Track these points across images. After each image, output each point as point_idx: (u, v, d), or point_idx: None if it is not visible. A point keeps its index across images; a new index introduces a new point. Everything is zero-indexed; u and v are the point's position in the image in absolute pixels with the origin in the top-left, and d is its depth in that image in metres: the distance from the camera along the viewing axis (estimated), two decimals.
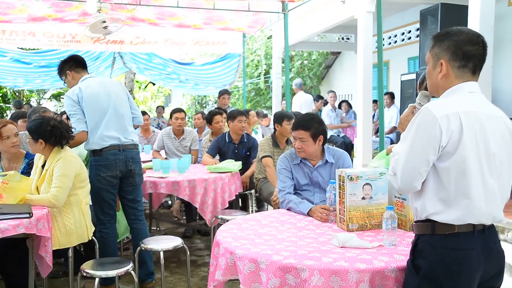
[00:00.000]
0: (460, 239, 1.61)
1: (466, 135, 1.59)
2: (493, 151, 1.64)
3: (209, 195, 4.12)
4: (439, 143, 1.60)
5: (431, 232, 1.65)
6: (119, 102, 3.51)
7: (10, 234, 2.49)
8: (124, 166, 3.46)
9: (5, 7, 6.06)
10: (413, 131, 1.66)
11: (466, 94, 1.68)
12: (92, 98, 3.40)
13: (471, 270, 1.61)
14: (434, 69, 1.74)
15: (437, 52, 1.72)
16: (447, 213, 1.62)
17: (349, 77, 12.06)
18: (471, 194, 1.60)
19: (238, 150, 5.02)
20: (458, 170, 1.60)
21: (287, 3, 6.70)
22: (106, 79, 3.71)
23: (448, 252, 1.61)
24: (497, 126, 1.68)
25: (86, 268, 2.69)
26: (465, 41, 1.67)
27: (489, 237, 1.66)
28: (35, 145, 3.09)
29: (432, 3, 6.56)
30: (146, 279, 3.55)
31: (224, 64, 9.40)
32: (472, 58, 1.68)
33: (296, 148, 2.99)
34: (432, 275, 1.62)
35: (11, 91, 12.70)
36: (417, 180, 1.66)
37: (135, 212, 3.63)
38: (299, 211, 2.73)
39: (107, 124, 3.41)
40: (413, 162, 1.64)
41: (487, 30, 4.61)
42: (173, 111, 5.61)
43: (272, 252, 1.95)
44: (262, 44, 14.51)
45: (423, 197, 1.68)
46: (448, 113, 1.60)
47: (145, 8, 6.35)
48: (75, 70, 3.61)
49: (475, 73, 1.71)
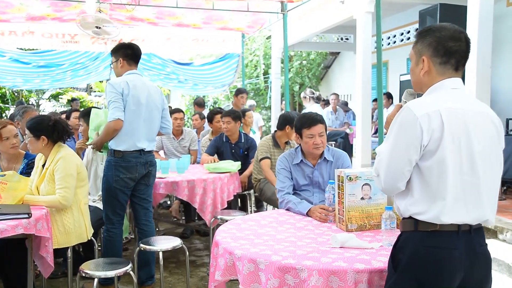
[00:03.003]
0: (443, 237, 1.58)
1: (447, 133, 1.56)
2: (476, 149, 1.59)
3: (208, 195, 4.12)
4: (420, 142, 1.57)
5: (414, 229, 1.62)
6: (154, 110, 3.49)
7: (9, 234, 2.49)
8: (143, 169, 3.46)
9: (4, 6, 6.05)
10: (394, 131, 1.64)
11: (449, 91, 1.65)
12: (135, 100, 3.34)
13: (452, 270, 1.57)
14: (417, 66, 1.71)
15: (420, 48, 1.70)
16: (429, 212, 1.58)
17: (348, 78, 12.06)
18: (449, 193, 1.56)
19: (235, 150, 5.02)
20: (439, 168, 1.57)
21: (286, 4, 6.70)
22: (149, 83, 3.61)
23: (429, 250, 1.58)
24: (482, 123, 1.63)
25: (85, 268, 2.69)
26: (447, 37, 1.64)
27: (475, 239, 1.61)
28: (36, 143, 3.09)
29: (431, 3, 6.57)
30: (146, 281, 3.54)
31: (223, 64, 9.39)
32: (454, 54, 1.65)
33: (316, 144, 2.95)
34: (411, 271, 1.59)
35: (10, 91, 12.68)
36: (401, 180, 1.62)
37: (146, 213, 3.61)
38: (298, 211, 2.73)
39: (138, 129, 3.38)
40: (395, 162, 1.62)
41: (486, 30, 4.62)
42: (172, 111, 5.61)
43: (271, 253, 1.95)
44: (261, 45, 14.50)
45: (407, 197, 1.65)
46: (428, 112, 1.57)
47: (144, 8, 6.34)
48: (129, 61, 3.50)
49: (458, 69, 1.68)
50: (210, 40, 8.45)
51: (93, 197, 3.84)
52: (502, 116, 6.47)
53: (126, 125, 3.30)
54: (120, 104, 3.27)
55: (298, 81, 14.31)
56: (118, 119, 3.25)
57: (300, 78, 14.29)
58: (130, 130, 3.34)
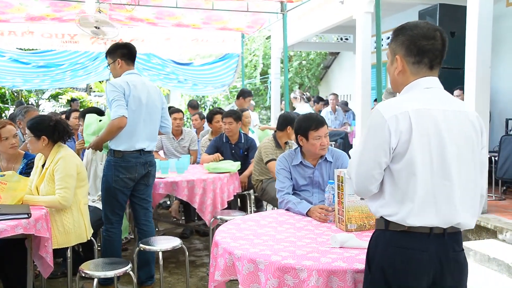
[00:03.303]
0: (413, 238, 1.55)
1: (415, 134, 1.51)
2: (449, 150, 1.54)
3: (208, 195, 4.12)
4: (389, 145, 1.53)
5: (385, 228, 1.60)
6: (154, 110, 3.49)
7: (9, 234, 2.48)
8: (143, 169, 3.45)
9: (3, 6, 6.05)
10: (365, 133, 1.61)
11: (422, 91, 1.61)
12: (135, 100, 3.34)
13: (419, 273, 1.54)
14: (392, 65, 1.68)
15: (394, 47, 1.67)
16: (397, 215, 1.55)
17: (347, 78, 12.06)
18: (418, 196, 1.52)
19: (235, 150, 5.02)
20: (408, 171, 1.53)
21: (286, 4, 6.70)
22: (148, 82, 3.60)
23: (397, 250, 1.56)
24: (457, 123, 1.57)
25: (84, 268, 2.69)
26: (419, 36, 1.59)
27: (448, 243, 1.57)
28: (37, 143, 3.09)
29: (430, 3, 6.57)
30: (146, 281, 3.54)
31: (223, 64, 9.39)
32: (427, 53, 1.60)
33: (323, 145, 2.95)
34: (381, 271, 1.58)
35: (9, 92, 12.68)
36: (372, 183, 1.60)
37: (146, 213, 3.61)
38: (298, 212, 2.73)
39: (139, 129, 3.38)
40: (365, 165, 1.59)
41: (486, 30, 4.62)
42: (171, 111, 5.60)
43: (271, 253, 1.95)
44: (261, 45, 14.51)
45: (378, 199, 1.62)
46: (397, 113, 1.53)
47: (143, 8, 6.34)
48: (126, 61, 3.48)
49: (433, 68, 1.63)
50: (209, 40, 8.45)
51: (93, 197, 3.84)
52: (501, 116, 6.49)
53: (127, 126, 3.28)
54: (123, 101, 3.24)
55: (298, 81, 14.32)
56: (123, 116, 3.20)
57: (300, 78, 14.30)
58: (131, 130, 3.33)
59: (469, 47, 4.71)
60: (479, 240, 4.44)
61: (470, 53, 4.69)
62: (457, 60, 5.95)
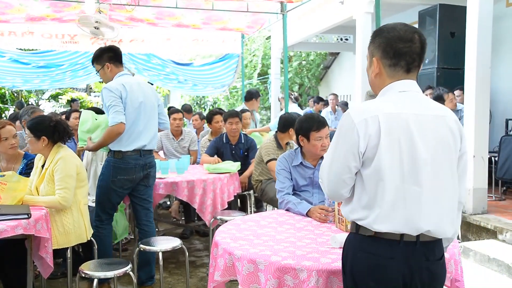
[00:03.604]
0: (381, 244, 1.52)
1: (385, 139, 1.48)
2: (421, 155, 1.49)
3: (208, 195, 4.12)
4: (358, 149, 1.51)
5: (355, 231, 1.59)
6: (151, 108, 3.49)
7: (9, 235, 2.48)
8: (141, 171, 3.45)
9: (3, 6, 6.04)
10: (335, 136, 1.59)
11: (396, 94, 1.57)
12: (133, 101, 3.34)
13: (386, 279, 1.51)
14: (370, 67, 1.66)
15: (371, 49, 1.64)
16: (366, 220, 1.53)
17: (347, 78, 12.06)
18: (385, 201, 1.50)
19: (235, 151, 5.02)
20: (377, 176, 1.50)
21: (286, 4, 6.69)
22: (142, 82, 3.60)
23: (365, 255, 1.55)
24: (432, 127, 1.53)
25: (84, 269, 2.69)
26: (396, 38, 1.56)
27: (420, 251, 1.52)
28: (37, 143, 3.09)
29: (430, 4, 6.58)
30: (146, 281, 3.54)
31: (223, 64, 9.39)
32: (404, 56, 1.56)
33: (324, 146, 2.94)
34: (352, 274, 1.58)
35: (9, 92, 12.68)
36: (343, 188, 1.58)
37: (147, 213, 3.61)
38: (298, 212, 2.73)
39: (139, 129, 3.38)
40: (336, 169, 1.57)
41: (486, 30, 4.62)
42: (171, 111, 5.61)
43: (271, 253, 1.95)
44: (261, 45, 14.51)
45: (350, 203, 1.61)
46: (366, 117, 1.50)
47: (143, 8, 6.34)
48: (115, 63, 3.47)
49: (410, 71, 1.59)
50: (209, 41, 8.44)
51: (93, 198, 3.84)
52: (502, 116, 6.49)
53: (127, 127, 3.29)
54: (120, 107, 3.25)
55: (298, 82, 14.32)
56: (121, 123, 3.23)
57: (300, 79, 14.30)
58: (131, 131, 3.34)
59: (469, 47, 4.71)
60: (479, 240, 4.44)
61: (470, 53, 4.69)
62: (457, 60, 5.97)
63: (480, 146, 4.69)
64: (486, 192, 4.82)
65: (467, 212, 4.68)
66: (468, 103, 4.75)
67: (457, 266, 2.03)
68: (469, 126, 4.70)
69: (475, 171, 4.66)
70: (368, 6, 6.75)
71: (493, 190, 5.41)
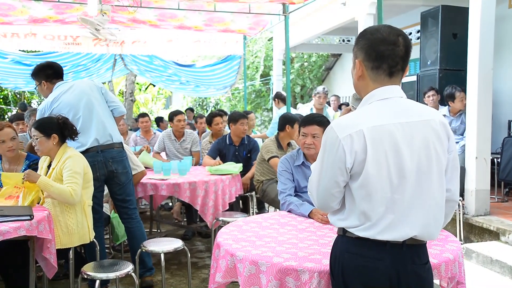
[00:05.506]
0: (369, 246, 1.52)
1: (371, 153, 1.47)
2: (408, 164, 1.49)
3: (209, 197, 4.12)
4: (344, 165, 1.50)
5: (342, 233, 1.60)
6: (91, 101, 3.49)
7: (11, 236, 2.49)
8: (104, 168, 3.45)
9: (6, 8, 6.07)
10: (322, 150, 1.58)
11: (377, 104, 1.54)
12: (64, 107, 3.41)
13: (375, 280, 1.51)
14: (354, 70, 1.63)
15: (355, 51, 1.62)
16: (355, 229, 1.54)
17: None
18: (375, 214, 1.50)
19: (238, 152, 5.02)
20: (366, 190, 1.50)
21: (288, 5, 6.70)
22: (77, 82, 3.63)
23: (352, 256, 1.55)
24: (417, 133, 1.51)
25: (86, 270, 2.69)
26: (378, 41, 1.54)
27: (407, 254, 1.52)
28: (47, 142, 3.10)
29: (432, 5, 6.56)
30: (145, 273, 3.59)
31: (225, 66, 9.39)
32: (386, 58, 1.53)
33: (307, 144, 2.96)
34: (341, 276, 1.58)
35: (12, 93, 12.72)
36: (332, 201, 1.58)
37: (127, 211, 3.64)
38: (300, 213, 2.73)
39: (82, 127, 3.40)
40: (324, 183, 1.57)
41: (488, 32, 4.62)
42: (174, 113, 5.62)
43: (273, 254, 1.95)
44: (263, 46, 14.51)
45: (338, 214, 1.62)
46: (351, 132, 1.48)
47: (146, 10, 6.36)
48: (52, 80, 3.56)
49: (393, 76, 1.56)
50: (211, 42, 8.44)
51: None
52: (504, 117, 6.47)
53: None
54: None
55: (300, 83, 14.32)
56: None
57: (302, 80, 14.30)
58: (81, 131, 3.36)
59: (471, 49, 4.71)
60: (481, 242, 4.43)
61: (472, 54, 4.68)
62: (459, 61, 5.95)
63: (483, 148, 4.68)
64: (489, 193, 4.80)
65: (469, 214, 4.67)
66: (471, 104, 4.74)
67: (460, 268, 2.02)
68: (471, 127, 4.69)
69: (478, 172, 4.64)
70: (370, 7, 6.75)
71: (496, 191, 5.40)
